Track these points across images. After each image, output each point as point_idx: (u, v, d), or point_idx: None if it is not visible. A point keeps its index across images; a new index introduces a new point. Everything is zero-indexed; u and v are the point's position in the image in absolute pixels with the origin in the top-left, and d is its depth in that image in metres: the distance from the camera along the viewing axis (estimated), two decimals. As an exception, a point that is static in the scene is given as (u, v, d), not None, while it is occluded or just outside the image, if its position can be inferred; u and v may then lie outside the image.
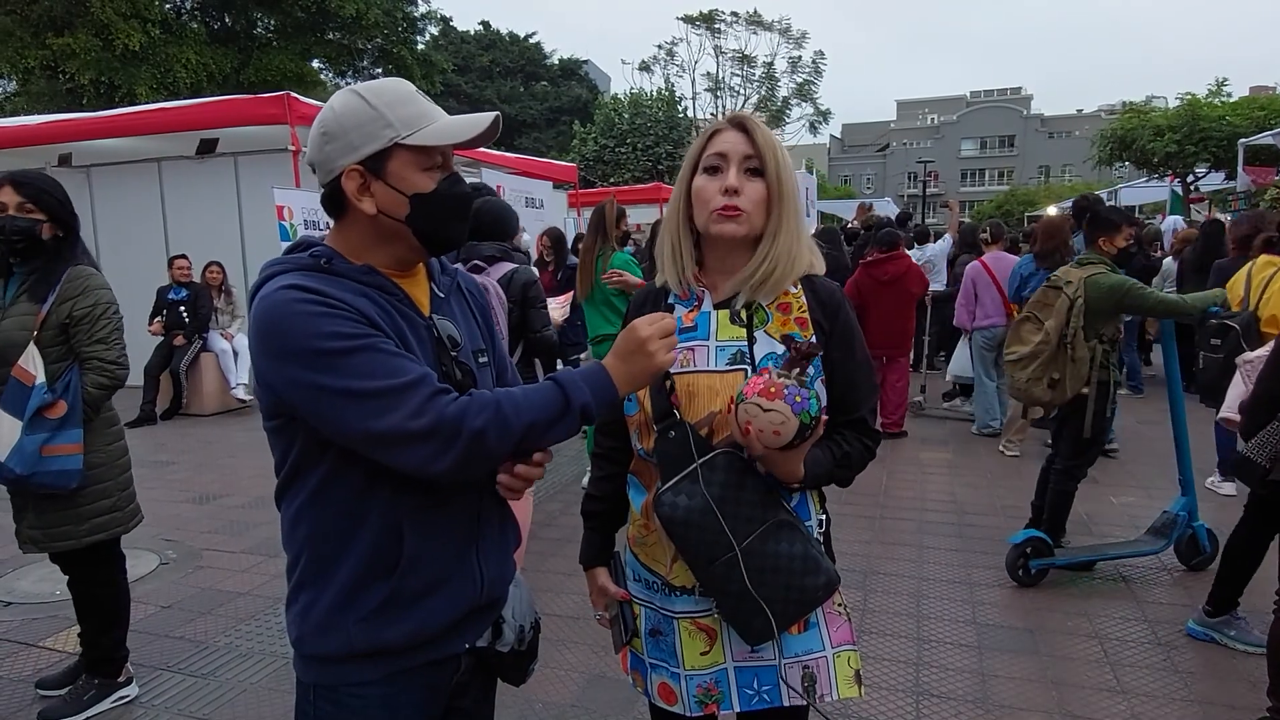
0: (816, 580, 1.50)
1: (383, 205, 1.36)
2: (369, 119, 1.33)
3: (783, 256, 1.54)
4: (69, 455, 2.84)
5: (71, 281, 2.86)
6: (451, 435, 1.25)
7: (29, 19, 19.33)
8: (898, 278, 7.15)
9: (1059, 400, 4.08)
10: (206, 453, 7.28)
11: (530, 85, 44.85)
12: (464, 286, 1.60)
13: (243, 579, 4.37)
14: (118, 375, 2.93)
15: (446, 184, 1.40)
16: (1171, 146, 17.82)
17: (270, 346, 1.28)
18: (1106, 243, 4.17)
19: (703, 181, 1.55)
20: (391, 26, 25.19)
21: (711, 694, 1.59)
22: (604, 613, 1.77)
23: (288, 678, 3.29)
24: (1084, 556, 4.26)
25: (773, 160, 1.53)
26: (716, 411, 1.52)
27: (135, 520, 3.11)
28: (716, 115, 43.78)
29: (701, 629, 1.59)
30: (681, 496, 1.46)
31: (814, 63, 45.55)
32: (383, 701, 1.41)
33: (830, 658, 1.59)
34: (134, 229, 9.87)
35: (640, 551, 1.66)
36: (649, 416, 1.54)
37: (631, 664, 1.74)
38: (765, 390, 1.38)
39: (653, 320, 1.37)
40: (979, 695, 3.13)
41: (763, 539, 1.47)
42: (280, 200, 7.61)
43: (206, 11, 23.89)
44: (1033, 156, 66.19)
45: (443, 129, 1.37)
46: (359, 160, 1.34)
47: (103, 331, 2.89)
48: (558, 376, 1.34)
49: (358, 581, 1.36)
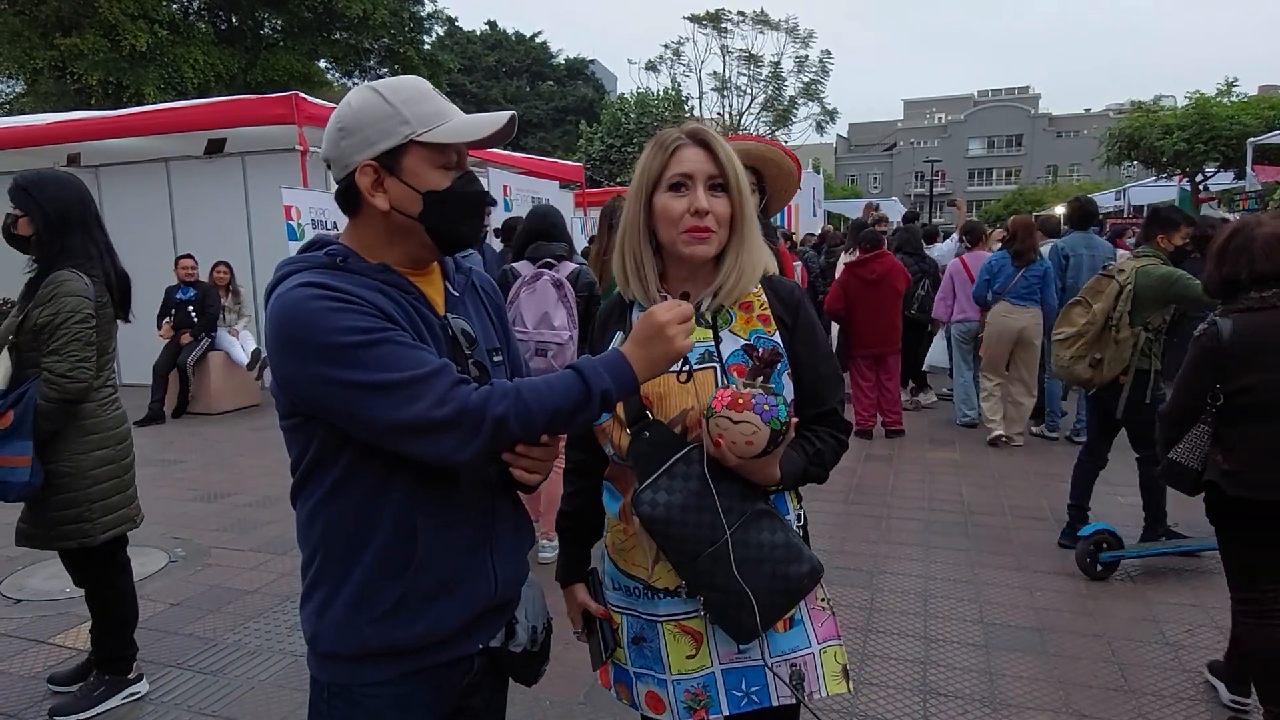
0: (801, 568, 1.50)
1: (396, 202, 1.36)
2: (385, 115, 1.34)
3: (747, 267, 1.57)
4: (14, 468, 2.76)
5: (46, 287, 2.81)
6: (475, 423, 1.26)
7: (37, 19, 19.40)
8: (883, 276, 7.19)
9: (1099, 380, 4.30)
10: (214, 451, 7.31)
11: (536, 85, 44.88)
12: (479, 285, 1.60)
13: (251, 577, 4.39)
14: (68, 389, 2.79)
15: (461, 182, 1.39)
16: (1180, 145, 17.71)
17: (289, 344, 1.28)
18: (1164, 240, 4.40)
19: (668, 201, 1.54)
20: (398, 26, 25.22)
21: (699, 698, 1.58)
22: (581, 629, 1.76)
23: (296, 675, 3.31)
24: (1158, 549, 4.29)
25: (734, 175, 1.55)
26: (689, 409, 1.53)
27: (113, 530, 3.01)
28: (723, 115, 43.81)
29: (687, 632, 1.58)
30: (661, 494, 1.46)
31: (821, 62, 45.44)
32: (396, 701, 1.41)
33: (817, 654, 1.59)
34: (142, 229, 9.90)
35: (619, 558, 1.64)
36: (621, 420, 1.55)
37: (615, 677, 1.72)
38: (733, 403, 1.40)
39: (670, 306, 1.37)
40: (987, 694, 3.13)
41: (744, 529, 1.47)
42: (288, 200, 7.65)
43: (213, 12, 23.95)
44: (1040, 156, 66.04)
45: (458, 127, 1.37)
46: (374, 156, 1.34)
47: (58, 342, 2.77)
48: (577, 364, 1.34)
49: (372, 581, 1.36)
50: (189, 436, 7.89)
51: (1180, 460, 2.84)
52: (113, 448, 3.03)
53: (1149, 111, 20.16)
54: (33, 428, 2.78)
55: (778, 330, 1.59)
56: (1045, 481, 5.87)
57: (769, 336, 1.58)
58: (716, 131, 1.60)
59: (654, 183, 1.56)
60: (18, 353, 2.81)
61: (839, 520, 5.04)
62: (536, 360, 4.04)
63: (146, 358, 8.72)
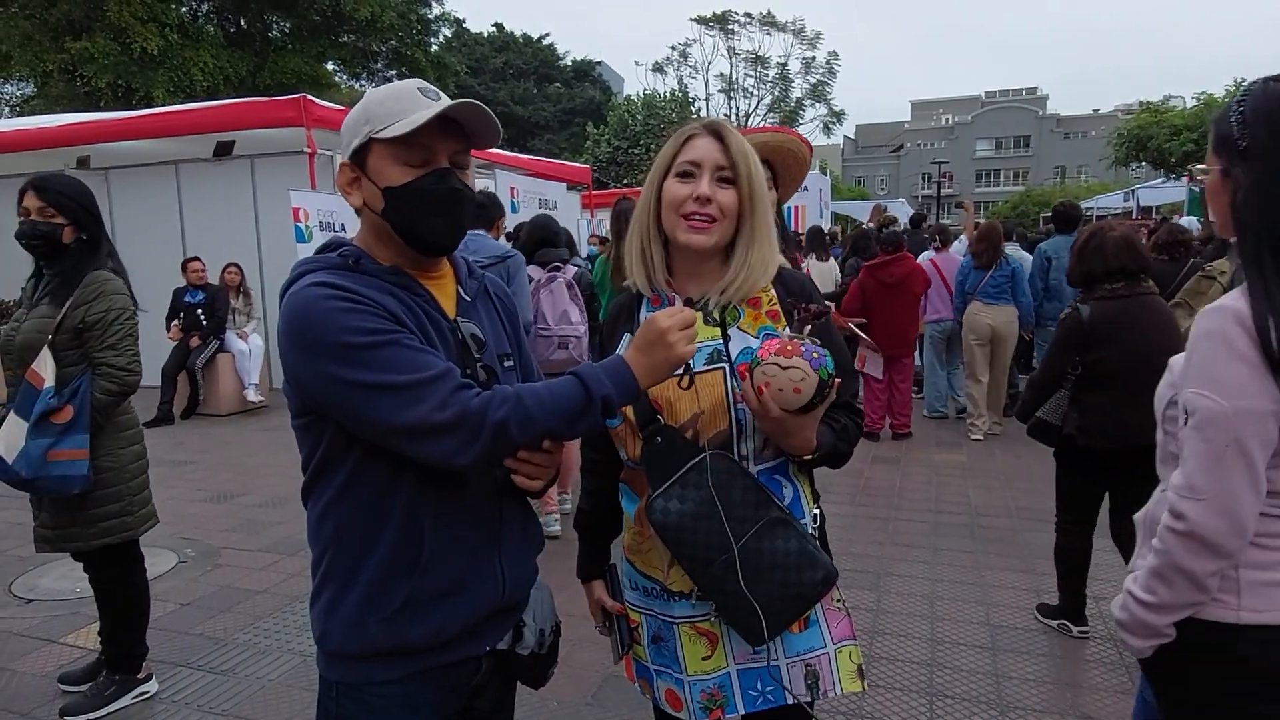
0: (815, 575, 1.50)
1: (368, 199, 1.40)
2: (358, 117, 1.39)
3: (756, 265, 1.56)
4: (73, 461, 2.83)
5: (88, 286, 2.87)
6: (476, 427, 1.27)
7: (47, 23, 19.56)
8: (903, 279, 7.18)
9: None
10: (224, 452, 7.34)
11: (544, 87, 44.97)
12: (492, 292, 1.61)
13: (260, 577, 4.41)
14: (127, 382, 2.92)
15: (429, 179, 1.37)
16: (1189, 145, 17.67)
17: (297, 341, 1.30)
18: None
19: (674, 186, 1.54)
20: (406, 29, 25.33)
21: (715, 699, 1.59)
22: (602, 624, 1.78)
23: (306, 675, 3.33)
24: None
25: (745, 169, 1.53)
26: (700, 413, 1.52)
27: (147, 524, 3.12)
28: (730, 116, 43.75)
29: (702, 634, 1.59)
30: (673, 501, 1.46)
31: (828, 63, 45.50)
32: (403, 700, 1.42)
33: (832, 654, 1.60)
34: (151, 230, 9.96)
35: (637, 559, 1.66)
36: (633, 424, 1.54)
37: (637, 672, 1.74)
38: (782, 349, 1.39)
39: (672, 313, 1.37)
40: (993, 697, 3.13)
41: (758, 537, 1.47)
42: (296, 202, 7.69)
43: (222, 15, 24.08)
44: (1048, 157, 65.80)
45: (409, 120, 1.33)
46: (348, 156, 1.40)
47: (114, 338, 2.88)
48: (578, 370, 1.35)
49: (380, 580, 1.38)
50: (199, 437, 7.93)
51: (1045, 418, 3.45)
52: (140, 444, 3.14)
53: (1157, 112, 20.12)
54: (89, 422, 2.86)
55: (787, 327, 1.57)
56: (1052, 484, 5.83)
57: (778, 333, 1.56)
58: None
59: (665, 169, 1.57)
60: (54, 351, 2.85)
61: (845, 522, 5.04)
62: (559, 353, 4.54)
63: (155, 359, 8.77)
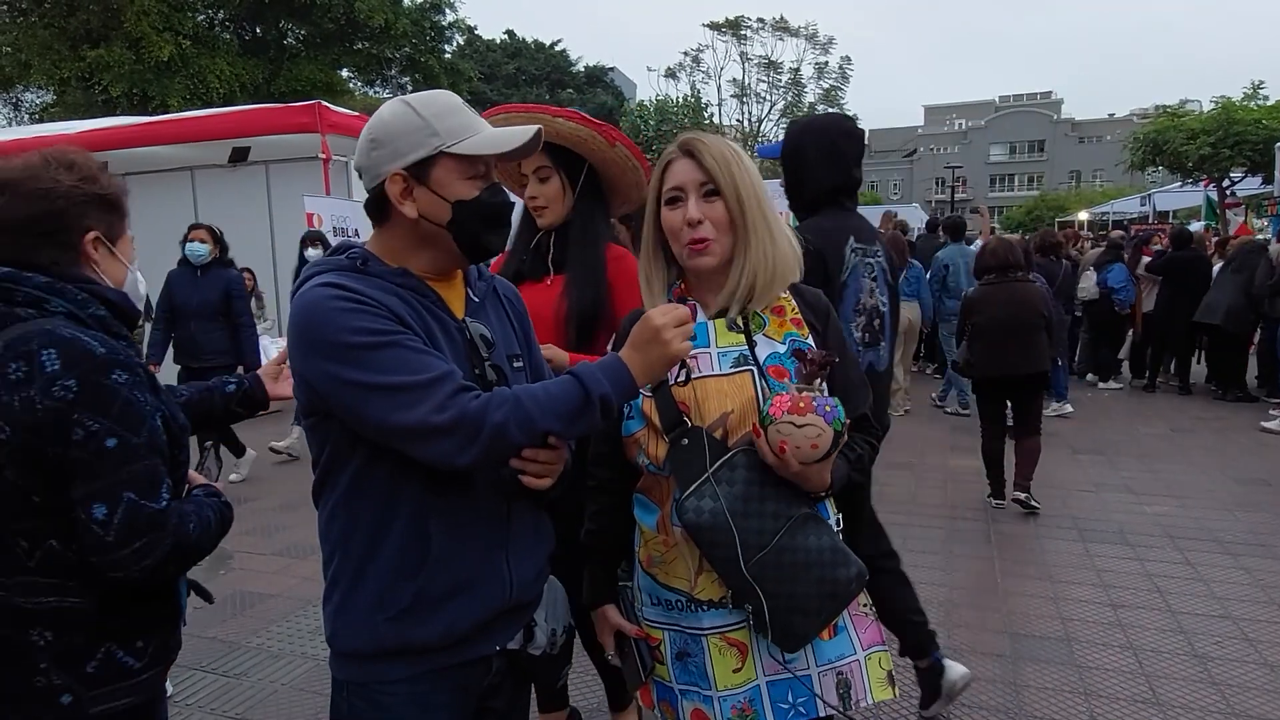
0: (849, 572, 1.49)
1: (425, 210, 1.41)
2: (416, 128, 1.39)
3: (760, 265, 1.56)
4: None
5: None
6: (474, 429, 1.28)
7: (66, 31, 19.78)
8: None
9: None
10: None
11: (556, 93, 45.09)
12: (501, 293, 1.62)
13: (273, 581, 4.42)
14: None
15: (488, 193, 1.44)
16: (1205, 150, 17.45)
17: (302, 340, 1.33)
18: None
19: (668, 214, 1.59)
20: (419, 36, 25.46)
21: (746, 714, 1.55)
22: (615, 652, 1.71)
23: (319, 678, 3.32)
24: None
25: (725, 178, 1.54)
26: (729, 412, 1.52)
27: None
28: (742, 122, 43.76)
29: (732, 644, 1.55)
30: (705, 500, 1.44)
31: (840, 68, 45.49)
32: (414, 700, 1.42)
33: (863, 661, 1.58)
34: (167, 236, 10.01)
35: (658, 571, 1.61)
36: (658, 427, 1.53)
37: (659, 695, 1.67)
38: (794, 407, 1.39)
39: (665, 311, 1.38)
40: (1011, 706, 3.09)
41: (791, 534, 1.46)
42: (310, 208, 7.73)
43: (238, 23, 24.28)
44: (1063, 161, 65.54)
45: (486, 139, 1.42)
46: (404, 166, 1.39)
47: None
48: (576, 370, 1.36)
49: (388, 580, 1.38)
50: (212, 442, 7.95)
51: (958, 359, 5.57)
52: None
53: (1174, 116, 19.93)
54: None
55: (810, 336, 1.59)
56: (1069, 490, 5.80)
57: (804, 339, 1.58)
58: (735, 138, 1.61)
59: (657, 199, 1.62)
60: None
61: (860, 528, 4.99)
62: None
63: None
